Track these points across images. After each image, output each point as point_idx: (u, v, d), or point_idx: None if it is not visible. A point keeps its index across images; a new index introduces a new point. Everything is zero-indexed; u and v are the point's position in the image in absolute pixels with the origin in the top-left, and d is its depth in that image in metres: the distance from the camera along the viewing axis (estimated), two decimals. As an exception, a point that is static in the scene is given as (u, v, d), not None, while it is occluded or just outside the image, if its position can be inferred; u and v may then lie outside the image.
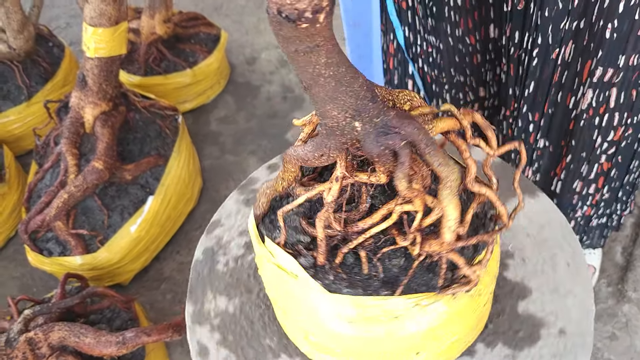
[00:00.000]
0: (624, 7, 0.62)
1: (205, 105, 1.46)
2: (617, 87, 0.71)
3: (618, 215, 0.92)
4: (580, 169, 0.83)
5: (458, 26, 0.81)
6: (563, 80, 0.74)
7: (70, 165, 1.06)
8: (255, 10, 1.73)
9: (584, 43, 0.68)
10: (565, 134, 0.80)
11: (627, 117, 0.74)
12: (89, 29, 1.03)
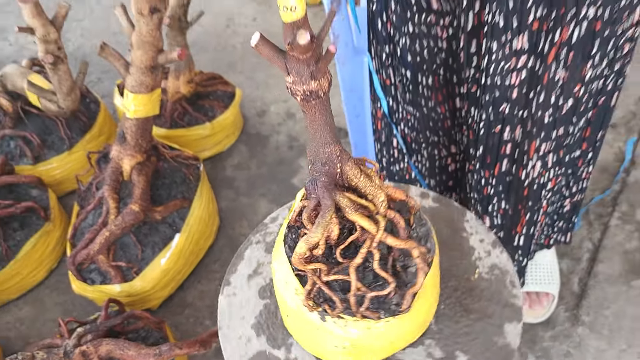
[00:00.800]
0: (554, 98, 0.82)
1: (221, 154, 1.67)
2: (551, 152, 0.91)
3: (547, 235, 1.13)
4: (533, 218, 1.03)
5: (430, 99, 1.02)
6: (515, 155, 0.93)
7: (111, 207, 1.26)
8: (265, 68, 1.96)
9: (528, 128, 0.87)
10: (521, 199, 0.99)
11: (557, 169, 0.94)
12: (130, 95, 1.24)
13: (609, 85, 0.87)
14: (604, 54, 0.79)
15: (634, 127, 1.54)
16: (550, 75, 0.78)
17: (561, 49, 0.75)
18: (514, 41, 0.76)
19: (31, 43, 2.27)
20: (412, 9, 0.87)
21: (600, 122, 0.94)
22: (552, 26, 0.73)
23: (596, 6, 0.71)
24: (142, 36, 1.16)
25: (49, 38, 1.28)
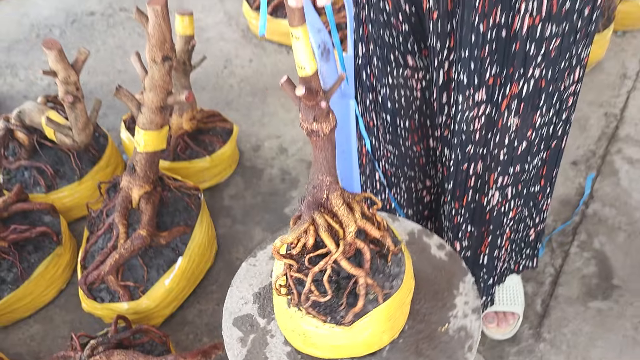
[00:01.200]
0: (509, 140, 0.98)
1: (219, 184, 1.81)
2: (510, 185, 1.06)
3: (516, 261, 1.28)
4: (496, 242, 1.18)
5: (407, 140, 1.17)
6: (478, 186, 1.08)
7: (121, 232, 1.40)
8: (260, 106, 2.12)
9: (488, 163, 1.03)
10: (484, 222, 1.14)
11: (517, 201, 1.09)
12: (141, 131, 1.39)
13: (558, 131, 1.03)
14: (550, 105, 0.95)
15: (593, 164, 1.71)
16: (503, 120, 0.94)
17: (512, 100, 0.92)
18: (475, 94, 0.92)
19: (40, 79, 2.43)
20: (392, 64, 1.04)
21: (554, 162, 1.10)
22: (504, 82, 0.89)
23: (540, 68, 0.88)
24: (154, 80, 1.31)
25: (69, 80, 1.43)
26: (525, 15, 0.79)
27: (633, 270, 1.42)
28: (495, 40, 0.83)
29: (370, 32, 1.01)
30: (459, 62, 0.88)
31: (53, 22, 2.82)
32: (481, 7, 0.79)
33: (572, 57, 0.88)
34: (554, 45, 0.84)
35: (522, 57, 0.84)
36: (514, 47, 0.83)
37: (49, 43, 1.37)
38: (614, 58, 2.10)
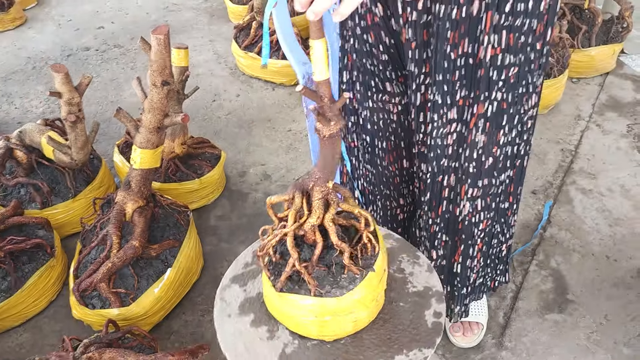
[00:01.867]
0: (477, 155, 1.12)
1: (207, 206, 1.92)
2: (480, 198, 1.19)
3: (492, 278, 1.39)
4: (468, 251, 1.30)
5: (384, 160, 1.31)
6: (451, 197, 1.21)
7: (114, 242, 1.49)
8: (246, 136, 2.26)
9: (460, 175, 1.16)
10: (457, 231, 1.26)
11: (487, 213, 1.22)
12: (138, 150, 1.51)
13: (521, 150, 1.17)
14: (512, 126, 1.10)
15: (550, 194, 1.87)
16: (472, 137, 1.08)
17: (479, 119, 1.06)
18: (448, 113, 1.06)
19: (34, 107, 2.54)
20: (372, 90, 1.19)
21: (519, 179, 1.23)
22: (472, 103, 1.04)
23: (502, 92, 1.03)
24: (153, 103, 1.44)
25: (72, 102, 1.55)
26: (488, 47, 0.94)
27: (585, 287, 1.56)
28: (464, 66, 0.98)
29: (354, 60, 1.16)
30: (434, 85, 1.03)
31: (49, 55, 2.96)
32: (452, 38, 0.94)
33: (529, 84, 1.04)
34: (512, 73, 0.99)
35: (487, 81, 0.99)
36: (479, 73, 0.98)
37: (57, 67, 1.50)
38: (570, 101, 2.31)
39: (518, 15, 0.90)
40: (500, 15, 0.89)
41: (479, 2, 0.88)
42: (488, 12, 0.89)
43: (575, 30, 2.35)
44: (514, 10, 0.89)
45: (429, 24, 0.95)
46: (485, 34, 0.92)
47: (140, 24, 3.25)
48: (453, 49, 0.95)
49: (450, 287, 1.33)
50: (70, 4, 3.57)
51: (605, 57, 2.38)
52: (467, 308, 1.41)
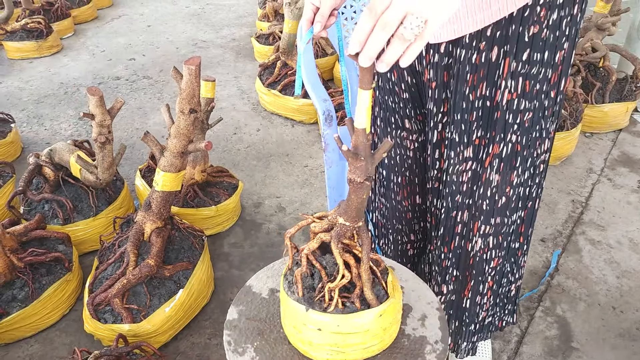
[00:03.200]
0: (491, 193, 1.16)
1: (221, 233, 1.97)
2: (492, 235, 1.23)
3: (500, 317, 1.40)
4: (478, 287, 1.32)
5: (398, 194, 1.36)
6: (464, 233, 1.25)
7: (131, 260, 1.54)
8: (263, 169, 2.33)
9: (473, 212, 1.21)
10: (468, 267, 1.29)
11: (498, 252, 1.25)
12: (161, 172, 1.58)
13: (532, 192, 1.21)
14: (525, 168, 1.14)
15: (559, 242, 1.90)
16: (486, 175, 1.12)
17: (494, 159, 1.10)
18: (464, 151, 1.11)
19: (63, 129, 2.65)
20: (392, 126, 1.25)
21: (530, 221, 1.27)
22: (488, 143, 1.09)
23: (517, 134, 1.08)
24: (179, 128, 1.52)
25: (104, 124, 1.63)
26: (505, 91, 1.00)
27: (590, 336, 1.56)
28: (481, 108, 1.04)
29: (377, 97, 1.23)
30: (452, 124, 1.08)
31: (81, 82, 3.10)
32: (471, 81, 1.00)
33: (542, 129, 1.09)
34: (527, 117, 1.04)
35: (503, 124, 1.04)
36: (496, 115, 1.04)
37: (93, 90, 1.59)
38: (582, 155, 2.35)
39: (534, 64, 0.96)
40: (518, 63, 0.96)
41: (498, 49, 0.95)
42: (506, 59, 0.95)
43: (590, 86, 2.42)
44: (531, 59, 0.95)
45: (450, 67, 1.02)
46: (502, 79, 0.98)
47: (169, 58, 3.39)
48: (472, 91, 1.01)
49: (459, 322, 1.35)
50: (105, 36, 3.75)
51: (618, 113, 2.43)
52: (474, 346, 1.42)
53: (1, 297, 1.56)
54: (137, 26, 3.93)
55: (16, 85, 3.09)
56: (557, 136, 2.18)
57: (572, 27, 0.94)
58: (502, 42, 0.94)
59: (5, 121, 2.46)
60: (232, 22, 3.95)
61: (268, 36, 3.21)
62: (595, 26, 2.50)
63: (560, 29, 0.93)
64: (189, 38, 3.68)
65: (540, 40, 0.93)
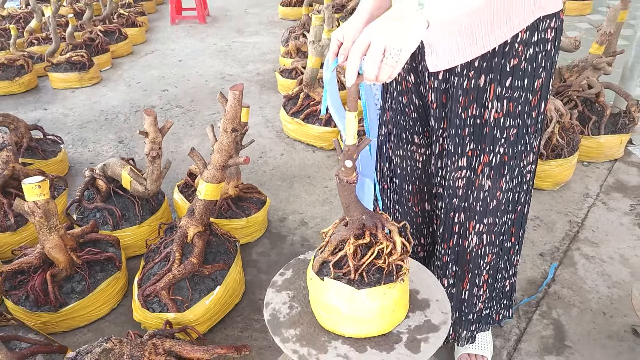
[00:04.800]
0: (483, 196, 1.38)
1: (250, 242, 2.19)
2: (485, 234, 1.44)
3: (497, 311, 1.60)
4: (475, 280, 1.52)
5: (409, 201, 1.58)
6: (461, 232, 1.46)
7: (176, 259, 1.76)
8: (287, 189, 2.56)
9: (468, 213, 1.42)
10: (465, 262, 1.50)
11: (492, 248, 1.46)
12: (204, 183, 1.81)
13: (521, 198, 1.43)
14: (512, 176, 1.36)
15: (556, 257, 2.09)
16: (479, 181, 1.35)
17: (485, 167, 1.33)
18: (459, 160, 1.34)
19: (104, 151, 2.91)
20: (403, 141, 1.48)
21: (520, 224, 1.48)
22: (479, 154, 1.31)
23: (504, 147, 1.30)
24: (222, 145, 1.77)
25: (156, 141, 1.89)
26: (492, 111, 1.23)
27: (582, 337, 1.74)
28: (473, 125, 1.27)
29: (391, 117, 1.47)
30: (449, 137, 1.31)
31: (120, 110, 3.39)
32: (463, 102, 1.24)
33: (527, 144, 1.32)
34: (512, 133, 1.27)
35: (491, 138, 1.27)
36: (485, 131, 1.26)
37: (148, 111, 1.85)
38: (580, 181, 2.56)
39: (516, 89, 1.20)
40: (502, 88, 1.19)
41: (485, 77, 1.19)
42: (492, 84, 1.19)
43: (587, 119, 2.65)
44: (513, 85, 1.19)
45: (447, 91, 1.26)
46: (489, 101, 1.21)
47: (199, 90, 3.69)
48: (464, 111, 1.25)
49: (459, 312, 1.55)
50: (140, 69, 4.07)
51: (613, 145, 2.65)
52: (473, 335, 1.60)
53: (62, 289, 1.79)
54: (169, 60, 4.25)
55: (60, 112, 3.39)
56: (555, 163, 2.40)
57: (548, 60, 1.18)
58: (488, 71, 1.17)
59: (56, 142, 2.73)
60: (257, 58, 4.26)
61: (291, 71, 3.50)
62: (591, 65, 2.76)
63: (536, 61, 1.17)
64: (216, 72, 3.99)
65: (520, 70, 1.17)
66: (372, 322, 1.13)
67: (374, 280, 1.12)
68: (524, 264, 2.05)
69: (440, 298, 1.25)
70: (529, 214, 2.31)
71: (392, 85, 1.41)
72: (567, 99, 2.67)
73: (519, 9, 1.10)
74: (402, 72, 1.36)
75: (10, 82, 3.59)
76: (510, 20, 1.10)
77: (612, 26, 2.65)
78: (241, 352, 1.49)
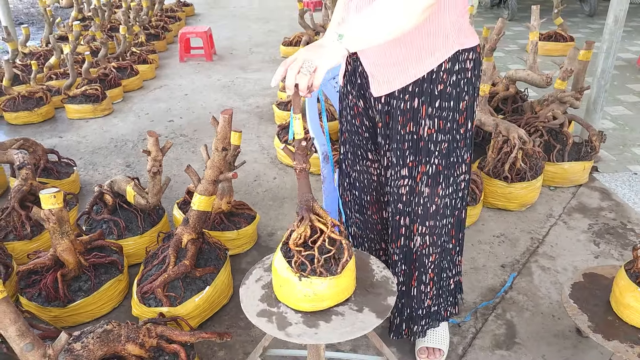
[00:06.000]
0: (423, 202, 1.62)
1: (240, 254, 2.43)
2: (428, 235, 1.67)
3: (444, 308, 1.81)
4: (422, 278, 1.74)
5: (368, 210, 1.81)
6: (407, 234, 1.69)
7: (171, 261, 2.00)
8: (277, 209, 2.81)
9: (412, 217, 1.65)
10: (412, 261, 1.71)
11: (435, 248, 1.69)
12: (197, 195, 2.07)
13: (457, 204, 1.67)
14: (447, 184, 1.60)
15: (516, 268, 2.31)
16: (419, 188, 1.59)
17: (423, 176, 1.57)
18: (401, 170, 1.58)
19: (113, 174, 3.19)
20: (359, 157, 1.73)
21: (459, 227, 1.72)
22: (417, 164, 1.56)
23: (438, 158, 1.55)
24: (214, 162, 2.03)
25: (157, 158, 2.16)
26: (425, 127, 1.49)
27: (531, 335, 1.94)
28: (410, 140, 1.52)
29: (347, 138, 1.73)
30: (391, 151, 1.57)
31: (129, 138, 3.69)
32: (401, 121, 1.50)
33: (458, 156, 1.57)
34: (444, 146, 1.52)
35: (427, 150, 1.53)
36: (421, 144, 1.52)
37: (151, 133, 2.13)
38: (545, 204, 2.79)
39: (444, 109, 1.46)
40: (433, 108, 1.45)
41: (418, 99, 1.45)
42: (424, 105, 1.45)
43: (552, 147, 2.90)
44: (441, 106, 1.45)
45: (389, 112, 1.52)
46: (423, 119, 1.47)
47: (203, 121, 3.99)
48: (402, 128, 1.50)
49: (409, 309, 1.76)
50: (149, 102, 4.40)
51: (576, 171, 2.89)
52: (424, 329, 1.81)
53: (70, 287, 2.03)
54: (176, 94, 4.58)
55: (74, 140, 3.69)
56: (519, 186, 2.64)
57: (469, 85, 1.45)
58: (420, 95, 1.44)
59: (69, 165, 3.01)
60: (258, 93, 4.58)
61: (287, 103, 3.80)
62: (557, 99, 3.02)
63: (459, 86, 1.43)
64: (219, 105, 4.30)
65: (446, 94, 1.43)
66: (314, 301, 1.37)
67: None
68: (486, 274, 2.27)
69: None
70: (496, 231, 2.55)
71: (347, 110, 1.67)
72: (534, 128, 2.93)
73: (440, 45, 1.37)
74: (354, 98, 1.62)
75: (29, 112, 3.92)
76: (434, 54, 1.38)
77: (572, 64, 2.93)
78: (223, 337, 1.71)
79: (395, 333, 1.83)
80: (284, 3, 8.82)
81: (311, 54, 1.18)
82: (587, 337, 1.90)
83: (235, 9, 8.54)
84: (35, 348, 1.39)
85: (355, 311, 1.37)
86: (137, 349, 1.63)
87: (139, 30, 5.64)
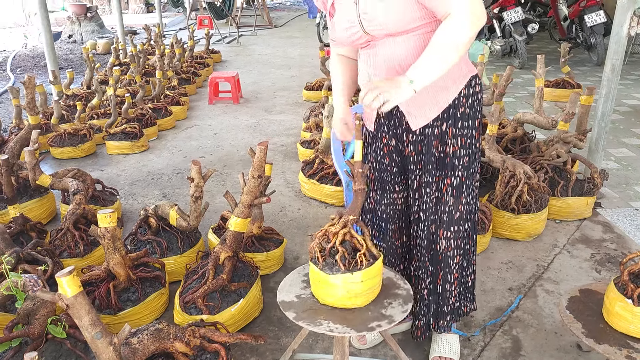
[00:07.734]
0: (448, 210, 1.86)
1: (268, 274, 2.67)
2: (452, 239, 1.90)
3: (464, 304, 2.01)
4: (447, 277, 1.96)
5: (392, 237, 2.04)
6: (433, 238, 1.91)
7: (210, 275, 2.25)
8: (302, 236, 3.06)
9: (439, 223, 1.87)
10: (438, 262, 1.90)
11: (458, 251, 1.91)
12: (234, 217, 2.33)
13: (472, 209, 1.90)
14: (468, 192, 1.85)
15: (522, 291, 2.51)
16: (445, 198, 1.83)
17: (448, 187, 1.82)
18: (432, 185, 1.83)
19: (151, 203, 3.48)
20: (386, 191, 1.99)
21: (474, 228, 1.94)
22: (443, 178, 1.81)
23: (461, 171, 1.80)
24: (250, 188, 2.30)
25: (199, 185, 2.44)
26: (450, 146, 1.75)
27: (535, 349, 2.13)
28: (439, 157, 1.78)
29: (375, 176, 1.98)
30: (426, 172, 1.82)
31: (164, 172, 4.00)
32: (435, 145, 1.75)
33: (475, 167, 1.82)
34: (465, 160, 1.78)
35: (451, 165, 1.78)
36: (447, 160, 1.78)
37: (195, 162, 2.41)
38: (551, 235, 3.00)
39: (465, 129, 1.74)
40: (456, 129, 1.73)
41: (446, 123, 1.72)
42: (450, 127, 1.73)
43: (556, 183, 3.13)
44: (463, 125, 1.73)
45: (423, 140, 1.78)
46: (449, 139, 1.74)
47: (231, 157, 4.30)
48: (435, 149, 1.77)
49: (436, 305, 1.97)
50: (182, 140, 4.74)
51: (580, 205, 3.11)
52: (449, 324, 2.01)
53: (120, 297, 2.28)
54: (206, 133, 4.92)
55: (115, 173, 4.01)
56: (526, 217, 2.86)
57: (479, 105, 1.76)
58: (447, 119, 1.72)
59: (112, 194, 3.31)
60: (282, 132, 4.90)
61: (310, 142, 4.10)
62: (561, 139, 3.27)
63: (474, 107, 1.73)
64: (247, 143, 4.62)
65: (466, 115, 1.72)
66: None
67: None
68: (494, 295, 2.48)
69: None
70: (504, 258, 2.77)
71: (376, 152, 1.93)
72: (539, 166, 3.17)
73: (457, 74, 1.68)
74: (385, 139, 1.88)
75: (74, 148, 4.27)
76: (455, 82, 1.68)
77: (573, 107, 3.19)
78: (258, 340, 1.93)
79: (424, 330, 2.02)
80: (305, 51, 9.30)
81: (389, 88, 1.48)
82: (587, 351, 2.09)
83: (259, 56, 9.03)
84: (104, 337, 1.63)
85: (381, 307, 1.60)
86: (183, 346, 1.86)
87: (172, 74, 6.06)
